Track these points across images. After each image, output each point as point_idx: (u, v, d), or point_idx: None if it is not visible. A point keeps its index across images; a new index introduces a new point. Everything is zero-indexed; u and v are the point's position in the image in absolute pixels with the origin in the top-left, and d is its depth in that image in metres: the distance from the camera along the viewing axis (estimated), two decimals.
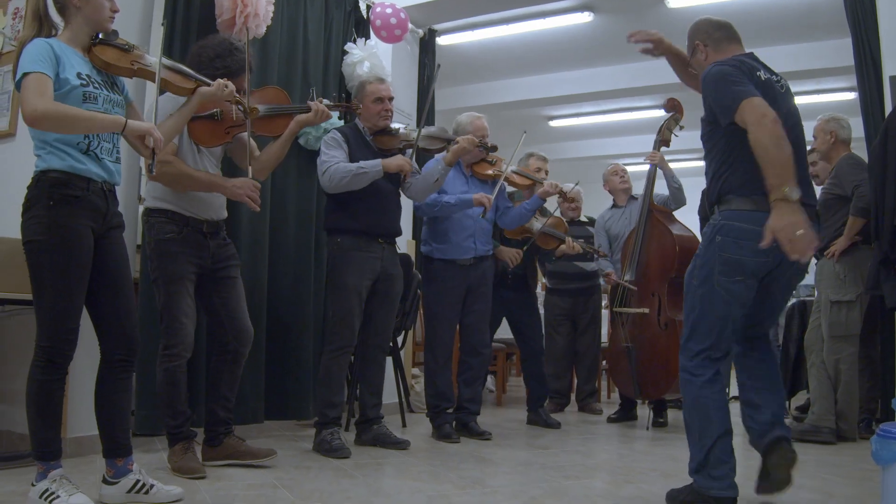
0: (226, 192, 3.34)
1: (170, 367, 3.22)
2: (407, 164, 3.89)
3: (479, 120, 4.59)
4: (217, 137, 3.34)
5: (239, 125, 3.30)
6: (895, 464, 2.42)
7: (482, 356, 4.63)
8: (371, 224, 3.93)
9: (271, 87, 3.78)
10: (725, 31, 2.98)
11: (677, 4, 6.57)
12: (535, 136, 10.75)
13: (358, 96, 4.02)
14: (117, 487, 2.69)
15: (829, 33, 6.65)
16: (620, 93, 8.69)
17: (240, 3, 4.04)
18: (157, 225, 3.26)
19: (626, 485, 3.31)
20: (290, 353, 4.61)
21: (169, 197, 3.28)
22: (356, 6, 5.45)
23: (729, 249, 2.70)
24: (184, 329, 3.24)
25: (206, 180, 3.30)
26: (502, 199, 4.78)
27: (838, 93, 8.19)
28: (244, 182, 3.31)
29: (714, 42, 2.96)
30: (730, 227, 2.71)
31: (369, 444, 4.01)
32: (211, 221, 3.37)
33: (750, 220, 2.67)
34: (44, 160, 2.55)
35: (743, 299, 2.76)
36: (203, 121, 3.25)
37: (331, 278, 3.98)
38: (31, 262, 2.55)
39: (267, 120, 3.44)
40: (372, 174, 3.83)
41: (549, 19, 7.05)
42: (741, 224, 2.69)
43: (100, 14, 2.66)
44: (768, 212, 2.53)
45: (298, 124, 3.52)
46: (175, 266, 3.24)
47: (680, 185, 5.18)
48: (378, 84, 4.04)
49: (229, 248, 3.47)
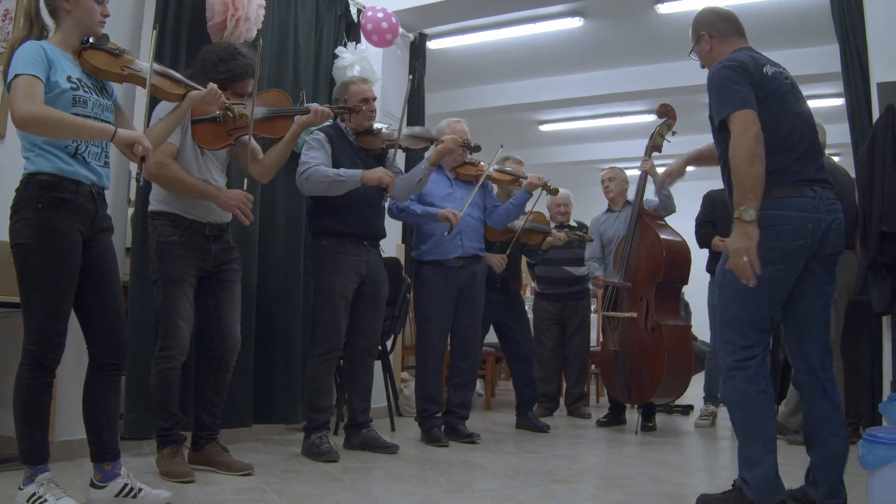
0: (217, 202, 3.31)
1: (164, 369, 3.22)
2: (387, 176, 3.84)
3: (457, 124, 4.61)
4: (220, 139, 3.34)
5: (241, 128, 3.30)
6: (882, 468, 2.43)
7: (472, 360, 4.64)
8: (356, 226, 3.92)
9: (273, 89, 3.78)
10: (732, 24, 2.97)
11: (667, 10, 6.57)
12: (525, 140, 10.77)
13: (342, 97, 4.01)
14: (105, 491, 2.67)
15: (819, 39, 6.69)
16: (611, 97, 8.70)
17: (230, 6, 4.04)
18: (160, 227, 3.28)
19: (615, 489, 3.31)
20: (279, 356, 4.60)
21: (172, 200, 3.29)
22: (347, 10, 5.45)
23: (764, 238, 2.65)
24: (180, 332, 3.24)
25: (199, 188, 3.28)
26: (490, 199, 4.78)
27: (827, 99, 8.23)
28: (236, 194, 3.30)
29: (720, 34, 2.96)
30: (761, 217, 2.65)
31: (358, 449, 4.00)
32: (214, 224, 3.37)
33: (778, 206, 2.68)
34: (32, 163, 2.55)
35: (783, 286, 2.74)
36: (206, 123, 3.27)
37: (317, 281, 3.97)
38: (19, 264, 2.54)
39: (268, 122, 3.46)
40: (349, 184, 3.81)
41: (539, 24, 7.06)
42: (770, 212, 2.67)
43: (90, 18, 2.66)
44: (791, 196, 2.65)
45: (300, 126, 3.56)
46: (175, 269, 3.24)
47: (669, 193, 5.19)
48: (362, 84, 4.05)
49: (232, 253, 3.48)
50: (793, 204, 2.68)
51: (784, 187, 2.69)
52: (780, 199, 2.68)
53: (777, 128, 2.72)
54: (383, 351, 4.92)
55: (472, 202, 4.51)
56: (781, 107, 2.76)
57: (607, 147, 11.35)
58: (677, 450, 4.43)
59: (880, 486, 2.45)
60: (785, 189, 2.69)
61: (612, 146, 11.33)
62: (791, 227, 2.67)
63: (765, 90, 2.74)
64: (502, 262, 4.90)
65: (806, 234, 2.68)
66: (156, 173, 3.17)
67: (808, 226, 2.67)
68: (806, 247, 2.70)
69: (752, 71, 2.75)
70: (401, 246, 5.92)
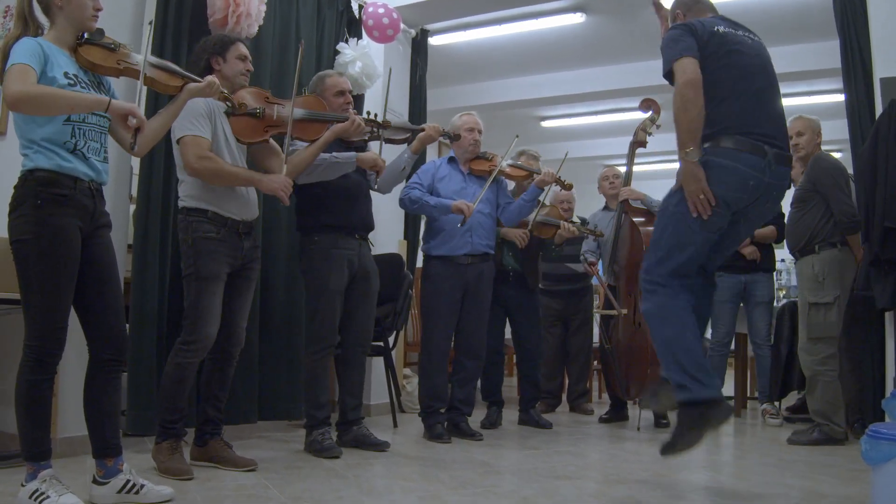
0: (261, 185, 3.40)
1: (183, 362, 3.23)
2: (380, 160, 3.87)
3: (466, 115, 4.66)
4: (256, 133, 3.45)
5: (278, 125, 3.45)
6: (885, 464, 2.43)
7: (479, 359, 4.63)
8: (346, 219, 3.90)
9: (311, 95, 3.85)
10: (705, 4, 3.27)
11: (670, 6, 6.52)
12: (527, 136, 10.65)
13: (318, 90, 3.99)
14: (107, 488, 2.68)
15: (821, 35, 6.65)
16: (612, 94, 8.67)
17: (232, 2, 4.03)
18: (196, 223, 3.29)
19: (618, 485, 3.31)
20: (282, 353, 4.60)
21: (208, 196, 3.31)
22: (348, 6, 5.44)
23: (709, 181, 2.85)
24: (208, 328, 3.24)
25: (242, 176, 3.38)
26: (503, 196, 4.77)
27: (829, 94, 8.21)
28: (278, 177, 3.40)
29: (686, 8, 3.26)
30: (712, 163, 2.87)
31: (350, 446, 3.97)
32: (246, 222, 3.42)
33: (730, 156, 2.87)
34: (31, 159, 2.54)
35: (715, 227, 2.94)
36: (245, 117, 3.39)
37: (310, 278, 3.93)
38: (19, 261, 2.54)
39: (305, 124, 3.56)
40: (345, 166, 3.81)
41: (541, 20, 7.03)
42: (721, 160, 2.87)
43: (82, 13, 2.66)
44: (748, 152, 2.85)
45: (334, 133, 3.63)
46: (212, 265, 3.27)
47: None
48: (337, 77, 4.07)
49: (257, 251, 3.54)
50: (742, 158, 2.87)
51: (735, 138, 2.88)
52: (731, 150, 2.88)
53: (727, 74, 2.94)
54: (385, 347, 4.91)
55: (486, 198, 4.51)
56: (734, 57, 2.97)
57: (607, 143, 11.31)
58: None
59: (884, 482, 2.46)
60: (737, 140, 2.88)
61: (611, 142, 11.29)
62: (736, 179, 2.87)
63: (713, 44, 2.96)
64: (525, 236, 4.82)
65: (746, 190, 2.89)
66: (199, 168, 3.23)
67: (749, 182, 2.87)
68: (744, 200, 2.91)
69: (698, 28, 2.98)
70: (402, 242, 5.91)
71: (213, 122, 3.32)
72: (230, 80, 3.35)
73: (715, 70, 2.92)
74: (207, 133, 3.28)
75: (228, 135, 3.39)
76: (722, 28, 3.03)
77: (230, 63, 3.39)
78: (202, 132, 3.25)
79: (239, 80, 3.41)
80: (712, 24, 3.02)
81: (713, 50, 2.95)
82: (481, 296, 4.56)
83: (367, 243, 4.08)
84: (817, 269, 4.47)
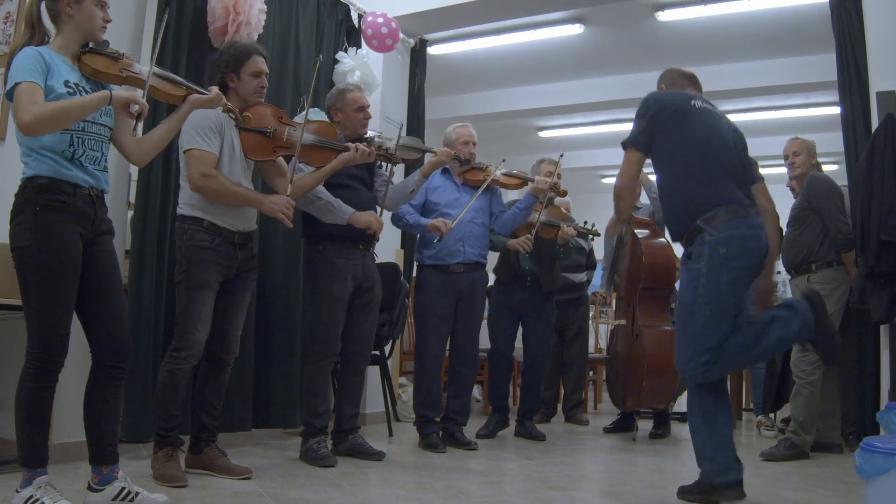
0: (262, 207, 3.39)
1: (174, 369, 3.23)
2: (376, 221, 3.85)
3: (462, 128, 4.64)
4: (265, 153, 3.46)
5: (287, 147, 3.45)
6: (879, 477, 2.44)
7: (473, 365, 4.64)
8: (352, 230, 3.90)
9: (325, 122, 3.86)
10: (688, 80, 3.39)
11: (667, 18, 6.59)
12: (525, 146, 10.78)
13: (338, 104, 4.01)
14: (102, 494, 2.67)
15: (818, 48, 6.69)
16: (611, 104, 8.70)
17: (232, 11, 4.05)
18: (190, 231, 3.30)
19: (612, 496, 3.31)
20: (277, 361, 4.60)
21: (204, 206, 3.31)
22: (348, 15, 5.47)
23: (739, 257, 2.93)
24: (197, 335, 3.24)
25: (243, 196, 3.36)
26: (497, 204, 4.77)
27: (826, 107, 8.24)
28: (280, 199, 3.39)
29: (671, 84, 3.40)
30: (731, 238, 2.93)
31: (345, 455, 3.95)
32: (242, 233, 3.41)
33: (741, 226, 2.96)
34: (30, 167, 2.55)
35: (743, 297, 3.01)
36: (255, 134, 3.40)
37: (314, 287, 3.93)
38: (20, 268, 2.54)
39: (313, 150, 3.57)
40: (335, 217, 3.82)
41: (539, 31, 7.08)
42: (737, 232, 2.95)
43: (91, 23, 2.67)
44: (749, 216, 2.98)
45: (340, 162, 3.64)
46: (203, 274, 3.26)
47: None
48: (358, 92, 4.07)
49: (253, 261, 3.52)
50: (749, 223, 2.98)
51: (738, 208, 2.99)
52: (738, 220, 2.96)
53: (708, 149, 3.05)
54: (381, 356, 4.91)
55: (479, 207, 4.51)
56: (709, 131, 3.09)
57: (605, 154, 11.35)
58: (675, 457, 4.42)
59: (878, 496, 2.46)
60: (742, 210, 2.99)
61: (609, 153, 11.32)
62: (754, 245, 2.97)
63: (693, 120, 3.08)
64: (527, 242, 4.71)
65: (761, 249, 3.00)
66: (202, 186, 3.23)
67: (761, 242, 2.99)
68: (761, 261, 3.03)
69: (668, 104, 3.13)
70: (399, 251, 5.92)
71: (222, 134, 3.32)
72: (244, 100, 3.39)
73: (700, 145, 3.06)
74: (215, 148, 3.28)
75: (237, 147, 3.39)
76: (698, 104, 3.14)
77: (244, 81, 3.39)
78: (209, 147, 3.25)
79: (253, 98, 3.43)
80: (688, 98, 3.16)
81: (694, 126, 3.08)
82: (475, 304, 4.56)
83: (371, 253, 4.08)
84: (814, 286, 4.45)
